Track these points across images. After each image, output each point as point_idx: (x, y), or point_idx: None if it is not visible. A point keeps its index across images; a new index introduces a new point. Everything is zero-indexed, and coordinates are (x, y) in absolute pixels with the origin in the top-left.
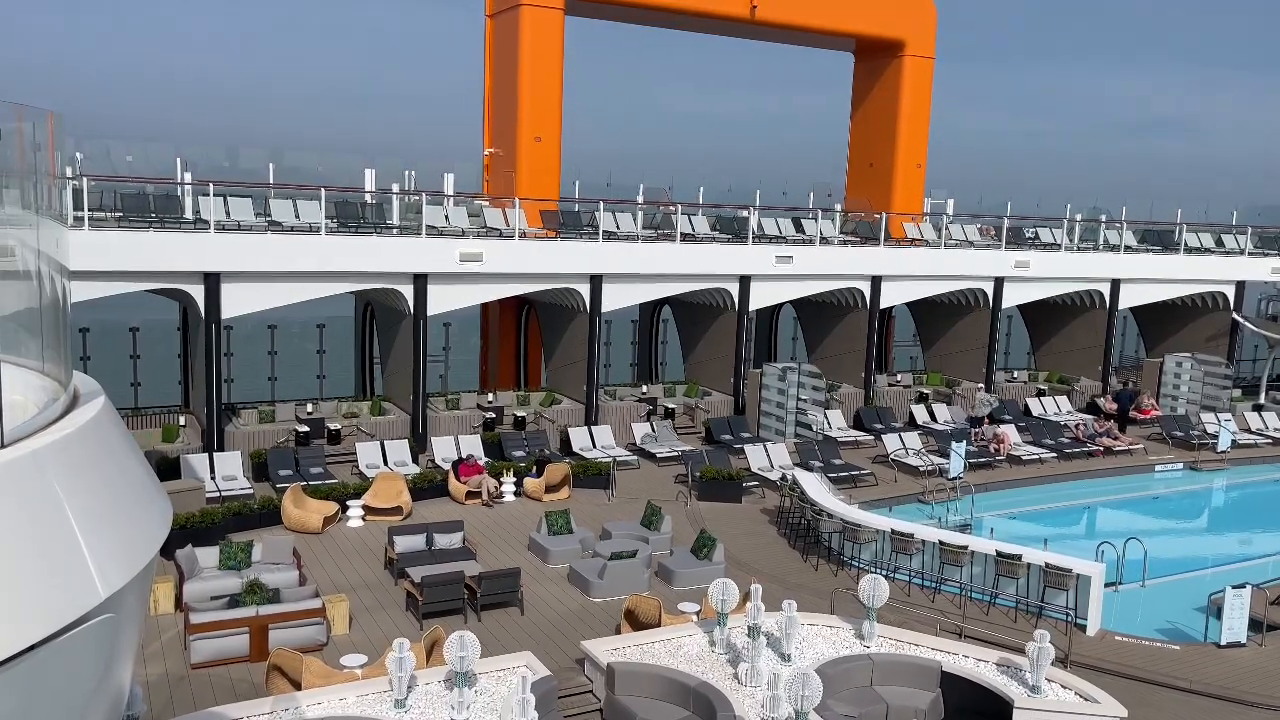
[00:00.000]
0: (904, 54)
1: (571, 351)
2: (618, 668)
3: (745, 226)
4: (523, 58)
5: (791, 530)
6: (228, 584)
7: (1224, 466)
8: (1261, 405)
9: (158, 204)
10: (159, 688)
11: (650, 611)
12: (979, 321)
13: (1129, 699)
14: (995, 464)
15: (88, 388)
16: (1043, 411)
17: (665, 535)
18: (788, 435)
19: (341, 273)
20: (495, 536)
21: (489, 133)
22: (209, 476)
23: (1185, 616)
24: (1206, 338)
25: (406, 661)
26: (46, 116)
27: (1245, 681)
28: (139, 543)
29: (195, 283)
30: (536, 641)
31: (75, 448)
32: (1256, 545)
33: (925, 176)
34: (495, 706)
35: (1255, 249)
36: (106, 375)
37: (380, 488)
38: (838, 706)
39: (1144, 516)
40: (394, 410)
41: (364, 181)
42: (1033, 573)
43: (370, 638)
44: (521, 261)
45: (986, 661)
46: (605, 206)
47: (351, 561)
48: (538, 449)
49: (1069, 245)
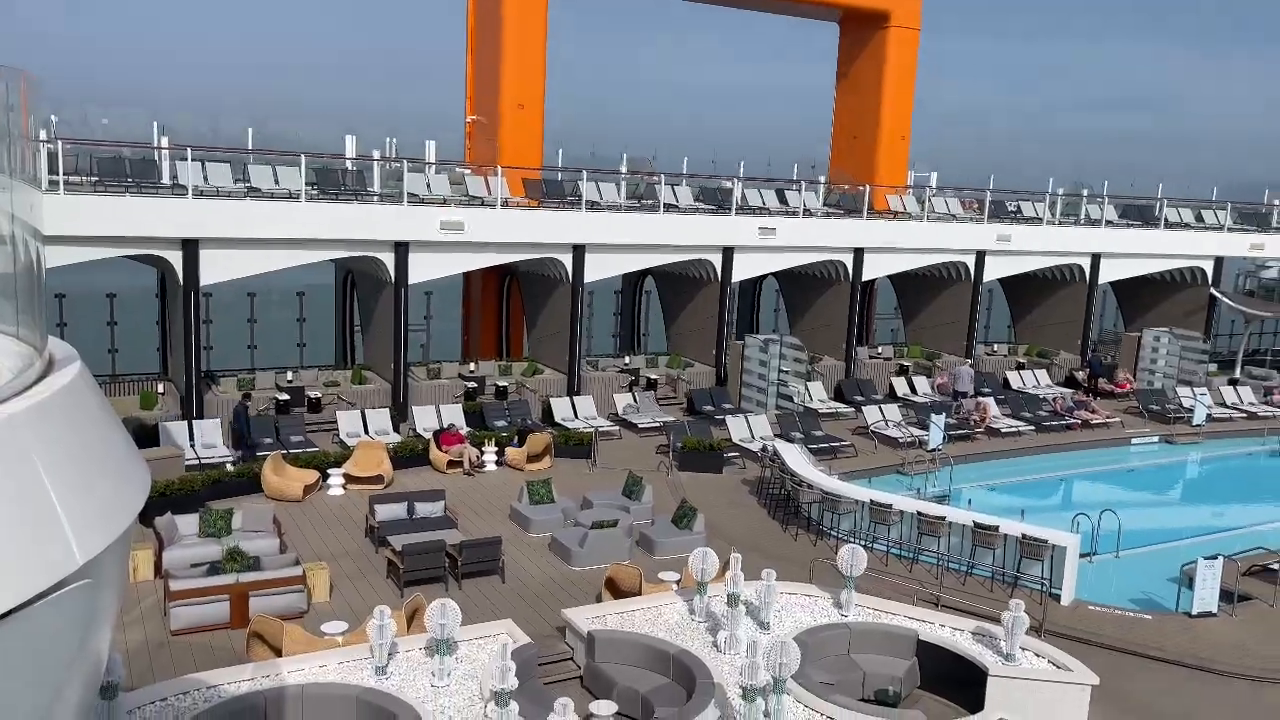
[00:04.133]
0: (889, 25)
1: (554, 321)
2: (598, 635)
3: (729, 198)
4: (506, 25)
5: (771, 500)
6: (208, 551)
7: (1199, 440)
8: (1237, 380)
9: (135, 169)
10: (139, 654)
11: (631, 580)
12: (960, 294)
13: (1101, 668)
14: (974, 436)
15: (63, 353)
16: (1022, 385)
17: (646, 505)
18: (769, 406)
19: (322, 240)
20: (476, 505)
21: (471, 100)
22: (188, 444)
23: (1158, 587)
24: (1184, 313)
25: (387, 629)
26: (19, 77)
27: (1216, 651)
28: (117, 509)
29: (173, 249)
30: (517, 610)
31: (51, 413)
32: (1229, 517)
33: (909, 149)
34: (476, 674)
35: (1234, 225)
36: (83, 342)
37: (361, 456)
38: (815, 674)
39: (1119, 488)
40: (375, 379)
41: (345, 148)
42: (1009, 543)
43: (351, 605)
44: (504, 231)
45: (962, 630)
46: (588, 176)
47: (332, 530)
48: (519, 418)
49: (1050, 219)
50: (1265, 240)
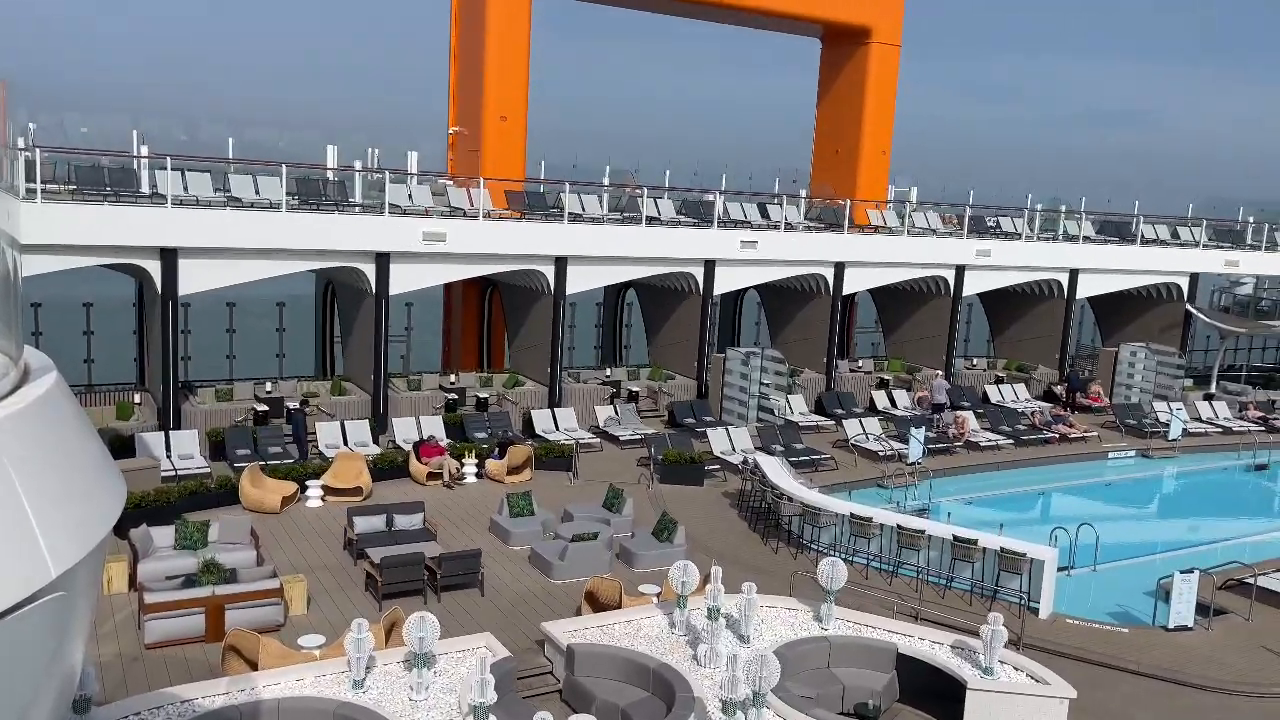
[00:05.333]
0: (870, 41)
1: (535, 333)
2: (577, 649)
3: (710, 211)
4: (489, 36)
5: (752, 513)
6: (183, 564)
7: (1175, 454)
8: (1212, 395)
9: (113, 177)
10: (112, 668)
11: (611, 593)
12: (940, 309)
13: (1079, 680)
14: (953, 450)
15: (39, 363)
16: (1001, 399)
17: (627, 517)
18: (750, 419)
19: (302, 250)
20: (456, 518)
21: (454, 111)
22: (165, 455)
23: (1135, 601)
24: (1160, 328)
25: (365, 642)
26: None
27: (1192, 664)
28: (91, 520)
29: (152, 258)
30: (496, 623)
31: (26, 423)
32: (1205, 531)
33: (890, 164)
34: (454, 687)
35: (1209, 242)
36: (59, 352)
37: (340, 468)
38: (795, 688)
39: (1096, 502)
40: (354, 390)
41: (326, 158)
42: (988, 557)
43: (329, 618)
44: (485, 242)
45: (941, 644)
46: (571, 188)
47: (310, 542)
48: (500, 430)
49: (1029, 235)
50: (1240, 257)
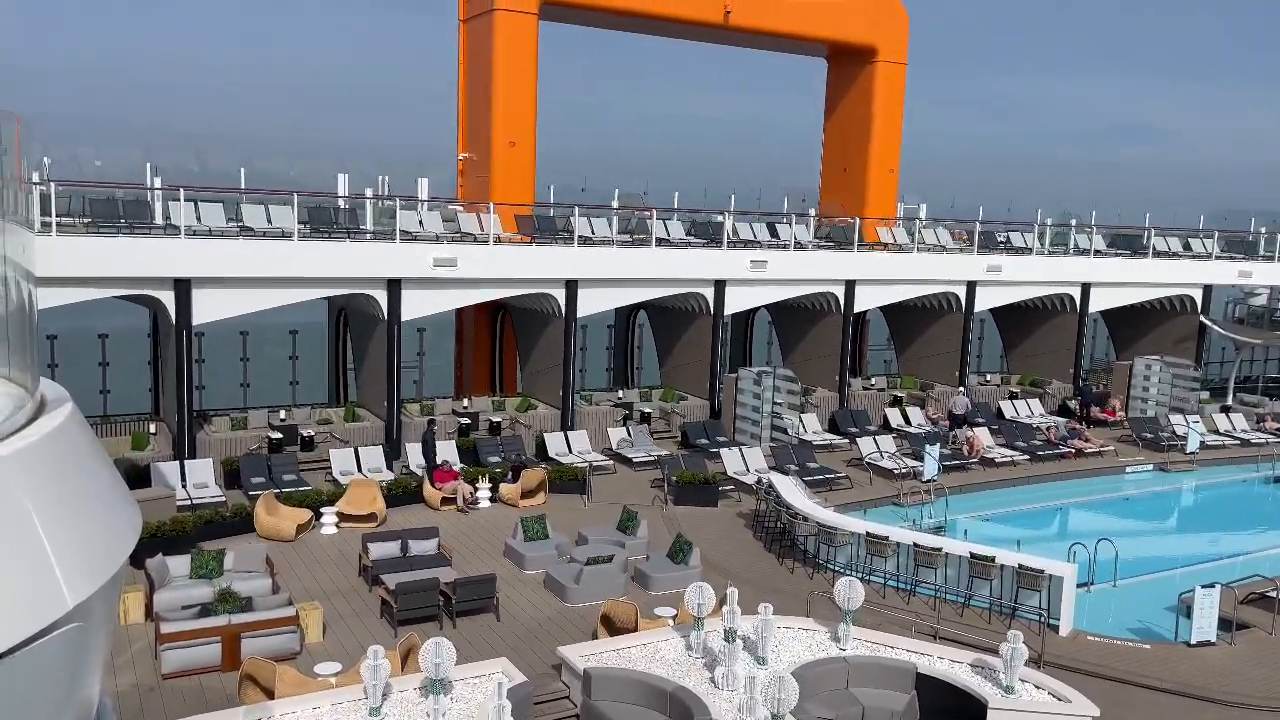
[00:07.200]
0: (876, 60)
1: (547, 357)
2: (594, 673)
3: (720, 231)
4: (496, 62)
5: (767, 534)
6: (199, 593)
7: (1192, 468)
8: (1229, 407)
9: (127, 209)
10: (129, 698)
11: (626, 616)
12: (952, 325)
13: (1101, 698)
14: (968, 466)
15: (54, 394)
16: (1015, 414)
17: (641, 540)
18: (763, 439)
19: (315, 278)
20: (470, 543)
21: (463, 137)
22: (180, 484)
23: (1156, 616)
24: (1175, 340)
25: (381, 669)
26: (12, 120)
27: (1215, 680)
28: (107, 551)
29: (166, 289)
30: (512, 648)
31: (42, 455)
32: (1225, 545)
33: (898, 181)
34: (471, 713)
35: (1222, 253)
36: (75, 383)
37: (354, 494)
38: (814, 709)
39: (1115, 517)
40: (368, 416)
41: (337, 186)
42: (1006, 574)
43: (345, 646)
44: (496, 267)
45: (961, 663)
46: (580, 211)
47: (325, 569)
48: (513, 454)
49: (1040, 249)
50: (1253, 268)
